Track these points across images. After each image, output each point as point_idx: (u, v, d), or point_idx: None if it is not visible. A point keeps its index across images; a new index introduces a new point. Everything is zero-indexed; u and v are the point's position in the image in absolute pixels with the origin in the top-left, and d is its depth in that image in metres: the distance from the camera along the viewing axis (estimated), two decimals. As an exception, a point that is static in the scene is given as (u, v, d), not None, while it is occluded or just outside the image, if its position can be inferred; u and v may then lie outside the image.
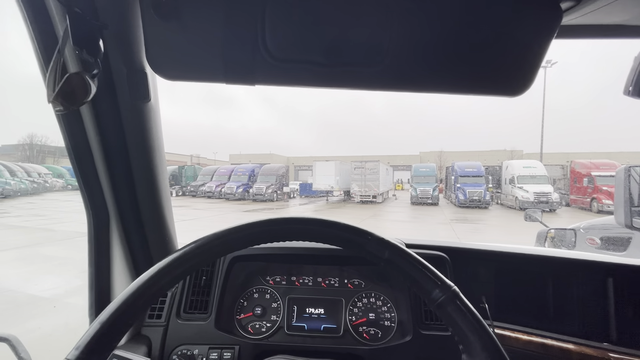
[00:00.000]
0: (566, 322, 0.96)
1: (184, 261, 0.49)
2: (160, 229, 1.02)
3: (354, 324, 0.98)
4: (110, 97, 0.82)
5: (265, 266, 1.06)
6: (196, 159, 48.07)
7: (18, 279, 5.10)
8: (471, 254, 1.07)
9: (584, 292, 0.96)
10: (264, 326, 0.99)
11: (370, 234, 0.51)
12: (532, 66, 0.53)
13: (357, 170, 21.30)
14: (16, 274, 5.40)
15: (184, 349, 0.91)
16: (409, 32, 0.52)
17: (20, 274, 5.40)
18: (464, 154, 42.79)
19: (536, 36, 0.52)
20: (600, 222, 3.46)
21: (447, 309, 0.45)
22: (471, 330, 0.44)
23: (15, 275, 5.30)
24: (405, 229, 11.32)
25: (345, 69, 0.55)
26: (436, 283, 0.47)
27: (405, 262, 0.49)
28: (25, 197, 20.39)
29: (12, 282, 4.93)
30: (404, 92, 0.58)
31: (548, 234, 3.36)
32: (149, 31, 0.53)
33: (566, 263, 1.01)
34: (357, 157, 28.05)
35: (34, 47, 0.70)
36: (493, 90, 0.56)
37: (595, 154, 33.52)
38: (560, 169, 24.44)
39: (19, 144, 42.34)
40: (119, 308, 0.44)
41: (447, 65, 0.54)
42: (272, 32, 0.52)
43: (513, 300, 1.02)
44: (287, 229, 0.52)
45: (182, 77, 0.56)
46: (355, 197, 21.42)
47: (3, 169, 21.15)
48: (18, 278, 5.14)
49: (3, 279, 5.10)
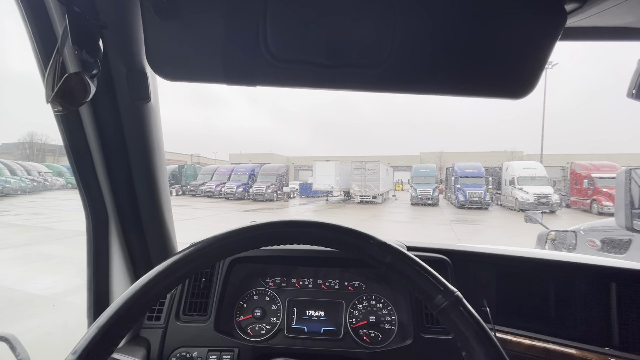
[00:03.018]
0: (568, 327, 0.95)
1: (183, 264, 0.48)
2: (160, 231, 1.01)
3: (354, 326, 0.98)
4: (110, 98, 0.81)
5: (265, 268, 1.06)
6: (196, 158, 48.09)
7: (17, 277, 5.10)
8: (472, 256, 1.06)
9: (587, 297, 0.96)
10: (263, 328, 0.98)
11: (371, 238, 0.50)
12: (536, 68, 0.53)
13: (357, 170, 21.31)
14: (15, 272, 5.40)
15: (183, 351, 0.91)
16: (411, 34, 0.52)
17: (19, 272, 5.40)
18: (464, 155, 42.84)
19: (540, 38, 0.52)
20: (600, 224, 3.46)
21: (450, 315, 0.45)
22: (474, 337, 0.43)
23: (14, 274, 5.30)
24: (405, 230, 11.32)
25: (347, 70, 0.54)
26: (439, 288, 0.46)
27: (407, 267, 0.48)
28: (25, 195, 20.41)
29: (11, 280, 4.93)
30: (406, 94, 0.58)
31: (548, 236, 3.35)
32: (149, 31, 0.52)
33: (568, 267, 1.00)
34: (357, 157, 28.08)
35: (33, 46, 0.69)
36: (496, 93, 0.56)
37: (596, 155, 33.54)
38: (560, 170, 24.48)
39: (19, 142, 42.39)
40: (117, 312, 0.44)
41: (450, 68, 0.53)
42: (273, 33, 0.51)
43: (514, 303, 1.01)
44: (288, 232, 0.52)
45: (183, 77, 0.56)
46: (355, 198, 21.42)
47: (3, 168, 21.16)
48: (17, 276, 5.14)
49: (2, 278, 5.10)
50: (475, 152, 45.84)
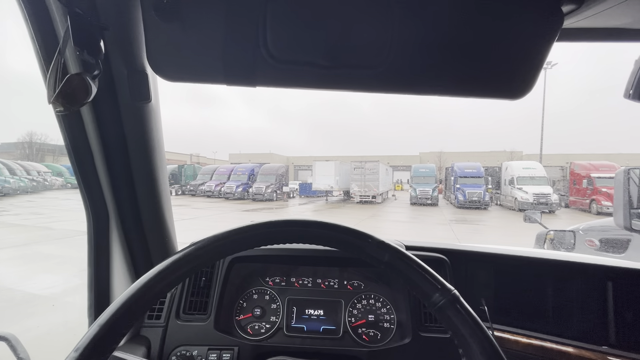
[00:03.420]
0: (565, 325, 0.96)
1: (183, 263, 0.49)
2: (160, 230, 1.02)
3: (353, 325, 0.98)
4: (111, 98, 0.82)
5: (265, 267, 1.06)
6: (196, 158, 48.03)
7: (16, 277, 5.09)
8: (470, 256, 1.07)
9: (584, 295, 0.96)
10: (263, 327, 0.99)
11: (370, 237, 0.51)
12: (533, 69, 0.53)
13: (357, 170, 21.30)
14: (15, 272, 5.39)
15: (183, 350, 0.91)
16: (410, 35, 0.52)
17: (18, 272, 5.39)
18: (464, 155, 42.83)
19: (538, 39, 0.52)
20: (599, 223, 3.47)
21: (447, 312, 0.45)
22: (471, 335, 0.44)
23: (14, 274, 5.29)
24: (404, 230, 11.32)
25: (347, 71, 0.54)
26: (436, 287, 0.46)
27: (405, 265, 0.49)
28: (25, 195, 20.36)
29: (11, 280, 4.92)
30: (405, 94, 0.58)
31: (547, 235, 3.36)
32: (150, 32, 0.53)
33: (565, 266, 1.01)
34: (357, 157, 28.04)
35: (35, 47, 0.69)
36: (494, 93, 0.56)
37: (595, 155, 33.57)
38: (559, 170, 24.47)
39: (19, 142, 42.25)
40: (118, 310, 0.44)
41: (449, 68, 0.54)
42: (273, 33, 0.52)
43: (512, 302, 1.02)
44: (286, 231, 0.52)
45: (183, 78, 0.56)
46: (355, 198, 21.42)
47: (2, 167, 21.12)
48: (16, 276, 5.13)
49: (2, 277, 5.10)
50: (474, 152, 45.86)
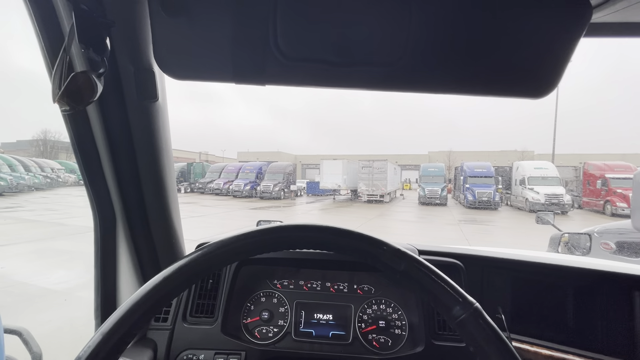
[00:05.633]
0: (589, 337, 0.91)
1: (189, 269, 0.47)
2: (167, 231, 1.01)
3: (364, 331, 0.95)
4: (117, 97, 0.81)
5: (273, 270, 1.04)
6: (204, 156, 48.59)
7: (30, 272, 5.22)
8: (485, 261, 1.03)
9: (608, 306, 0.91)
10: (271, 331, 0.97)
11: (385, 244, 0.48)
12: (558, 66, 0.50)
13: (365, 169, 21.20)
14: (29, 266, 5.52)
15: (190, 354, 0.90)
16: (428, 30, 0.49)
17: (32, 267, 5.52)
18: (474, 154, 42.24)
19: (564, 35, 0.48)
20: (615, 226, 3.37)
21: (469, 327, 0.42)
22: (495, 352, 0.41)
23: (28, 268, 5.42)
24: (412, 229, 11.22)
25: (359, 68, 0.52)
26: (457, 299, 0.44)
27: (423, 276, 0.46)
28: (39, 191, 20.85)
29: (25, 274, 5.04)
30: (420, 93, 0.55)
31: (562, 238, 3.27)
32: (157, 29, 0.51)
33: (587, 274, 0.96)
34: (365, 156, 27.94)
35: (40, 44, 0.68)
36: (516, 92, 0.53)
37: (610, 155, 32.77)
38: (572, 170, 23.90)
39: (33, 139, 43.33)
40: (121, 318, 0.43)
41: (467, 66, 0.51)
42: (283, 30, 0.49)
43: (530, 311, 0.98)
44: (298, 236, 0.50)
45: (190, 76, 0.54)
46: (363, 197, 21.33)
47: (18, 164, 21.64)
48: (30, 271, 5.26)
49: (16, 272, 5.22)
50: (484, 152, 45.23)
